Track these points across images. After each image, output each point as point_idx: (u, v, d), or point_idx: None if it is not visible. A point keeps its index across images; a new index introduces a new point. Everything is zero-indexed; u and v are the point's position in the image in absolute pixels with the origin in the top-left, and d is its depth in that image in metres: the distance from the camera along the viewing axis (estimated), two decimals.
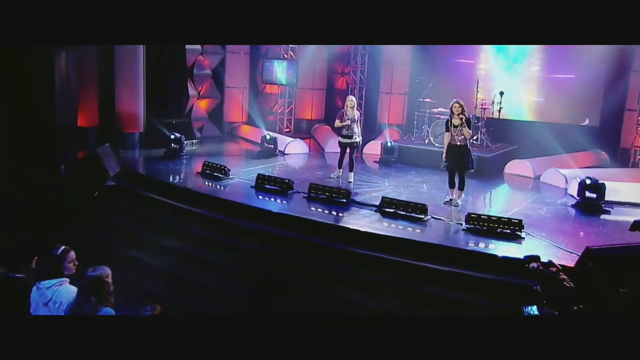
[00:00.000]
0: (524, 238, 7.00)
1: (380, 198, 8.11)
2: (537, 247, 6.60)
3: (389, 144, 11.89)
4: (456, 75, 13.55)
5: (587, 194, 8.77)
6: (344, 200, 8.35)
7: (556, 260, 5.51)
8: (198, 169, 10.11)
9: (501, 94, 12.10)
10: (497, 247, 6.73)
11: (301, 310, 6.26)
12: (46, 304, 4.05)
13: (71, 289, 4.05)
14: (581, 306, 4.32)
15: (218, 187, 9.29)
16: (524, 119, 12.99)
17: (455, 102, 8.24)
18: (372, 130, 14.04)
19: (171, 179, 9.99)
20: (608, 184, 8.80)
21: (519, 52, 13.09)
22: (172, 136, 11.40)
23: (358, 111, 10.00)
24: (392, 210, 7.86)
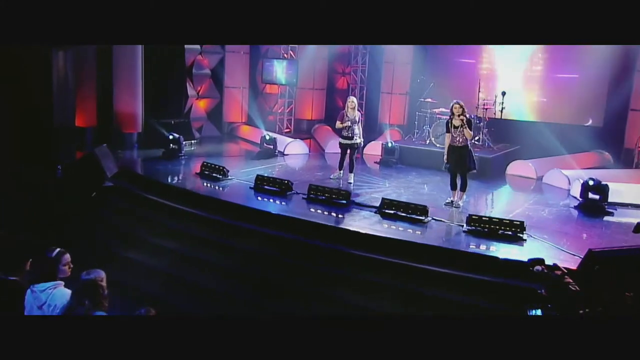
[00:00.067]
0: (525, 240, 6.91)
1: (381, 199, 8.04)
2: (539, 249, 6.52)
3: (389, 145, 11.82)
4: (458, 75, 13.49)
5: (590, 195, 8.70)
6: (344, 202, 8.28)
7: (559, 263, 5.45)
8: (197, 169, 10.05)
9: (503, 94, 12.00)
10: (499, 249, 6.65)
11: (301, 312, 6.19)
12: (40, 307, 4.01)
13: (66, 292, 4.01)
14: (587, 310, 4.26)
15: (217, 188, 9.22)
16: (526, 119, 12.92)
17: (456, 103, 8.17)
18: (373, 130, 13.97)
19: (169, 179, 9.92)
20: (611, 185, 8.72)
21: (521, 52, 12.96)
22: (171, 136, 11.34)
23: (359, 112, 9.94)
24: (392, 212, 7.79)
